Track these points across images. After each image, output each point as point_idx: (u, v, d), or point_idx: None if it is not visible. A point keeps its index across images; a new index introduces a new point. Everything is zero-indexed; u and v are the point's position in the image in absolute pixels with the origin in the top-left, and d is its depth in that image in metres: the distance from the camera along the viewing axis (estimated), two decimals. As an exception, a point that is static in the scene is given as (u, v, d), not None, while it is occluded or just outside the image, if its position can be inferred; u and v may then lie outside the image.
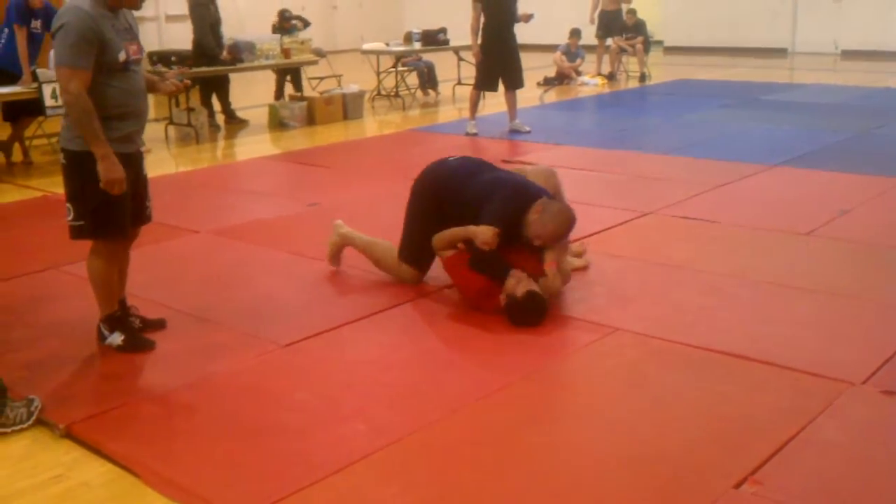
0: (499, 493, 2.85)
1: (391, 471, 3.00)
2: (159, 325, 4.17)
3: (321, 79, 11.94)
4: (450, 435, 3.23)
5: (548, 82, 13.81)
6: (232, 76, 10.50)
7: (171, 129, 9.77)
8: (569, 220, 4.34)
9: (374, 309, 4.41)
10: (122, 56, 3.67)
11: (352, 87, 11.29)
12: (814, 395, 3.39)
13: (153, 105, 10.19)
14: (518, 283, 4.15)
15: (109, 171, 3.64)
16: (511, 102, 9.43)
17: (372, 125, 10.81)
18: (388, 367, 3.83)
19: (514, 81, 9.28)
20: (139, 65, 3.86)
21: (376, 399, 3.51)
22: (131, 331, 4.00)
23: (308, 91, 11.42)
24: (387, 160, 8.37)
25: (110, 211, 3.76)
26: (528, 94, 11.75)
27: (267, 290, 4.75)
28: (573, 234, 4.57)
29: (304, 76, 11.52)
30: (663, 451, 3.06)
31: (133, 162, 3.85)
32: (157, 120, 10.14)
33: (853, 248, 5.20)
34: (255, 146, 9.46)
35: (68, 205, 3.80)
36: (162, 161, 8.50)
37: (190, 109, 9.51)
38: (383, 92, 12.33)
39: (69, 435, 3.29)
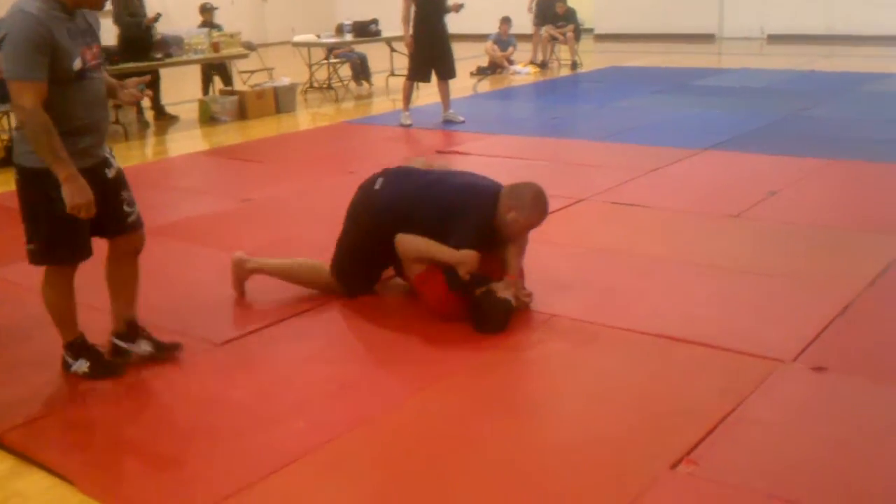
0: (441, 484, 2.86)
1: (332, 467, 2.99)
2: (174, 347, 3.84)
3: (252, 72, 11.80)
4: (390, 429, 3.22)
5: (480, 72, 13.84)
6: (161, 71, 10.32)
7: (99, 127, 9.55)
8: (544, 198, 4.18)
9: (309, 305, 4.38)
10: (77, 64, 3.26)
11: (283, 80, 11.19)
12: (746, 374, 3.46)
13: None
14: (506, 290, 4.05)
15: (75, 194, 3.25)
16: (444, 93, 9.43)
17: (305, 118, 10.73)
18: (326, 363, 3.81)
19: (446, 72, 9.27)
20: (99, 70, 3.43)
21: (315, 395, 3.49)
22: (97, 356, 3.68)
23: (239, 85, 11.28)
24: (321, 153, 8.30)
25: (64, 234, 3.39)
26: (462, 84, 11.77)
27: (200, 288, 4.69)
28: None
29: (234, 70, 11.37)
30: (601, 434, 3.10)
31: (95, 176, 3.41)
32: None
33: (782, 229, 5.31)
34: (185, 142, 9.32)
35: (25, 226, 3.46)
36: (90, 160, 8.31)
37: (117, 106, 9.31)
38: (316, 84, 12.25)
39: (1, 444, 3.20)
